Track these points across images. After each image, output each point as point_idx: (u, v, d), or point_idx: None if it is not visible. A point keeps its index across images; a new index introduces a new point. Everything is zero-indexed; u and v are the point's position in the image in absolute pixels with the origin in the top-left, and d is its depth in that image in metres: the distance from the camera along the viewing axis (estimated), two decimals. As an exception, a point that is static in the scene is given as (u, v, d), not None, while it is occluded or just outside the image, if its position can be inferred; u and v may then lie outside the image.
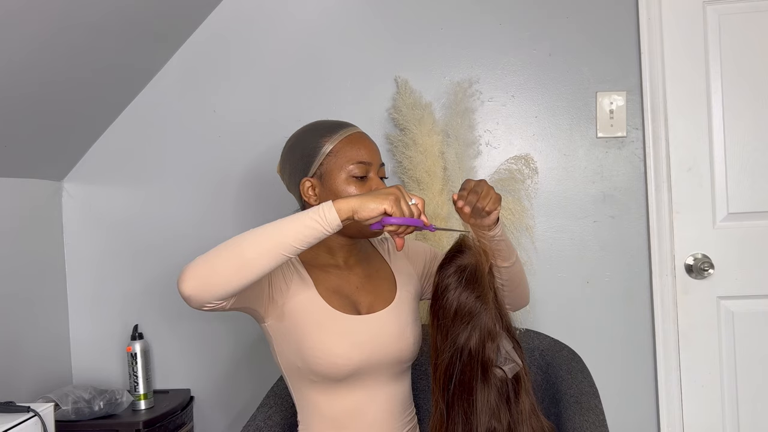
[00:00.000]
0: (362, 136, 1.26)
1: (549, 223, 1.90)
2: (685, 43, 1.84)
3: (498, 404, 1.11)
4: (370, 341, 1.21)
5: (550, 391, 1.48)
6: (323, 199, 1.23)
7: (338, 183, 1.21)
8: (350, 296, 1.26)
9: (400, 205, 1.03)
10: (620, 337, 1.89)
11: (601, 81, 1.87)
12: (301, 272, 1.24)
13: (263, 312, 1.20)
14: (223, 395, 1.95)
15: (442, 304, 1.13)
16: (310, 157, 1.23)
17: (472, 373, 1.10)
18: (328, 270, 1.27)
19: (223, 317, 1.92)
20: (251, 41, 1.93)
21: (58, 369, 1.91)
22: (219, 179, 1.94)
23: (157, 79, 1.95)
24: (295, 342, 1.19)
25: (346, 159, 1.22)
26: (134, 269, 1.96)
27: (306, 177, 1.24)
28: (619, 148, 1.88)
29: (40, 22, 1.37)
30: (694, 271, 1.85)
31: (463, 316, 1.11)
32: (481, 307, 1.12)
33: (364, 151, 1.23)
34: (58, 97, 1.65)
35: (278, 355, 1.24)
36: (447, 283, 1.13)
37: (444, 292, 1.13)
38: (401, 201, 1.04)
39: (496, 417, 1.10)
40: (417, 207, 1.07)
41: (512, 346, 1.14)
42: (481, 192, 1.14)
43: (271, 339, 1.24)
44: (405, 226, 1.05)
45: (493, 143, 1.91)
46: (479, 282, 1.13)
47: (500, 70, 1.90)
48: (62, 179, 1.97)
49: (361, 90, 1.91)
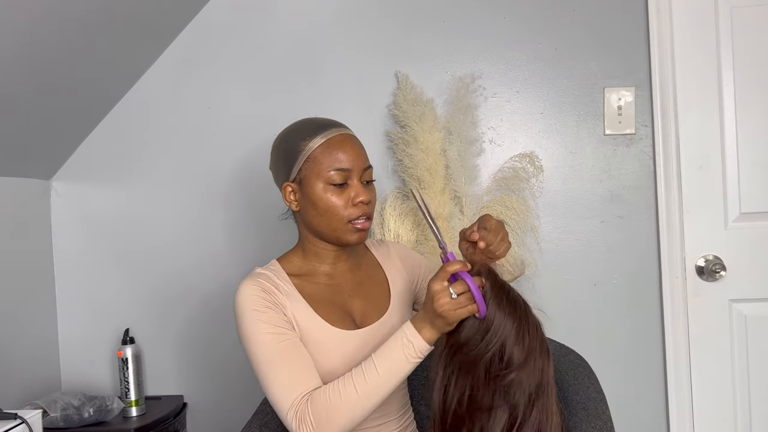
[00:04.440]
0: (344, 140, 1.25)
1: (555, 223, 1.91)
2: (695, 37, 1.85)
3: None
4: (364, 356, 1.21)
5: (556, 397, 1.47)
6: (303, 206, 1.26)
7: (316, 191, 1.23)
8: (343, 305, 1.28)
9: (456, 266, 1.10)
10: (628, 341, 1.89)
11: (609, 76, 1.88)
12: (292, 293, 1.25)
13: None
14: (218, 402, 1.95)
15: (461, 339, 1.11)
16: (291, 160, 1.25)
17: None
18: (316, 279, 1.29)
19: (217, 321, 1.94)
20: (246, 35, 1.93)
21: (46, 374, 1.91)
22: (213, 178, 1.95)
23: (149, 74, 1.95)
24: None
25: (323, 166, 1.23)
26: (125, 271, 1.96)
27: (287, 181, 1.27)
28: (628, 145, 1.89)
29: (28, 17, 1.38)
30: (705, 273, 1.86)
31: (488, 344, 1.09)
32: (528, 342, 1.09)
33: (343, 156, 1.23)
34: (47, 94, 1.65)
35: None
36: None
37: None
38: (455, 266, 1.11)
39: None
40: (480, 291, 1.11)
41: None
42: (500, 235, 1.18)
43: None
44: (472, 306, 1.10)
45: (497, 141, 1.92)
46: (510, 296, 1.12)
47: (504, 65, 1.91)
48: (51, 178, 1.97)
49: (360, 85, 1.91)
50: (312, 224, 1.26)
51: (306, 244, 1.31)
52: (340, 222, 1.24)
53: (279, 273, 1.27)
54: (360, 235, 1.25)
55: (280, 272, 1.28)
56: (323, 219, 1.24)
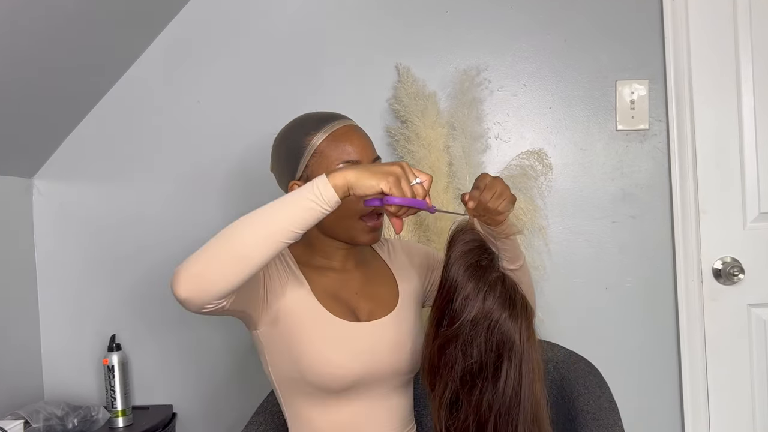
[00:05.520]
0: (349, 131, 1.25)
1: (564, 223, 1.90)
2: (712, 27, 1.85)
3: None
4: (371, 350, 1.22)
5: (565, 407, 1.48)
6: None
7: None
8: (348, 302, 1.27)
9: (401, 185, 1.02)
10: (642, 347, 1.89)
11: (621, 69, 1.88)
12: (296, 273, 1.24)
13: (257, 316, 1.19)
14: (209, 412, 1.95)
15: (454, 309, 1.12)
16: (296, 157, 1.24)
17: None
18: (324, 273, 1.28)
19: (208, 326, 1.93)
20: (239, 25, 1.93)
21: (28, 383, 1.90)
22: (204, 176, 1.94)
23: (136, 67, 1.93)
24: (289, 350, 1.20)
25: (331, 159, 1.22)
26: (111, 274, 1.95)
27: (293, 180, 1.25)
28: (641, 141, 1.89)
29: (8, 5, 1.36)
30: (722, 276, 1.85)
31: (489, 328, 1.10)
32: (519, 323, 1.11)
33: (351, 148, 1.22)
34: (28, 86, 1.64)
35: (270, 365, 1.24)
36: (457, 278, 1.12)
37: (455, 290, 1.12)
38: (402, 181, 1.03)
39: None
40: (422, 186, 1.05)
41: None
42: (496, 191, 1.14)
43: (263, 348, 1.24)
44: (406, 207, 1.04)
45: (503, 137, 1.91)
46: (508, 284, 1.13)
47: (511, 57, 1.91)
48: (33, 176, 1.96)
49: (358, 78, 1.91)
50: (323, 223, 1.22)
51: (313, 242, 1.30)
52: (353, 218, 1.23)
53: (287, 254, 1.27)
54: (373, 235, 1.26)
55: (288, 254, 1.27)
56: (334, 216, 1.19)
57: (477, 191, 1.14)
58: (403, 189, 1.03)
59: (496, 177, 1.17)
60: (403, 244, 1.47)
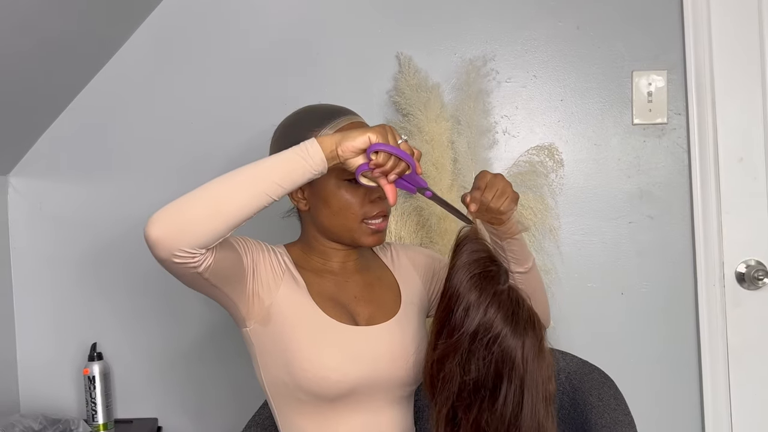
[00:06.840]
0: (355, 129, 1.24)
1: (577, 224, 1.90)
2: (736, 13, 1.85)
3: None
4: (370, 357, 1.22)
5: (578, 420, 1.48)
6: (313, 204, 1.26)
7: (329, 188, 1.23)
8: (347, 305, 1.28)
9: (387, 137, 1.06)
10: (660, 357, 1.89)
11: (637, 58, 1.88)
12: (294, 272, 1.25)
13: (245, 311, 1.20)
14: (197, 425, 1.94)
15: (455, 321, 1.12)
16: None
17: None
18: (322, 275, 1.29)
19: (196, 334, 1.92)
20: (231, 12, 1.91)
21: (3, 395, 1.87)
22: (191, 172, 1.87)
23: (120, 55, 1.91)
24: (282, 351, 1.20)
25: None
26: (92, 278, 1.93)
27: None
28: (659, 136, 1.88)
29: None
30: (746, 280, 1.85)
31: (488, 343, 1.10)
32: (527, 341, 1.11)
33: None
34: (2, 79, 1.60)
35: (262, 369, 1.24)
36: (461, 290, 1.12)
37: (456, 299, 1.12)
38: (389, 135, 1.06)
39: None
40: (407, 144, 1.08)
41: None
42: (497, 189, 1.16)
43: (254, 349, 1.24)
44: (393, 161, 1.07)
45: (512, 131, 1.91)
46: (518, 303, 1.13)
47: (520, 46, 1.90)
48: (8, 173, 1.93)
49: (357, 69, 1.90)
50: (324, 224, 1.27)
51: (312, 242, 1.31)
52: (355, 221, 1.24)
53: (284, 254, 1.29)
54: (377, 237, 1.27)
55: (285, 254, 1.29)
56: (337, 218, 1.25)
57: (478, 191, 1.16)
58: (390, 142, 1.06)
59: (497, 174, 1.18)
60: (406, 247, 1.47)
